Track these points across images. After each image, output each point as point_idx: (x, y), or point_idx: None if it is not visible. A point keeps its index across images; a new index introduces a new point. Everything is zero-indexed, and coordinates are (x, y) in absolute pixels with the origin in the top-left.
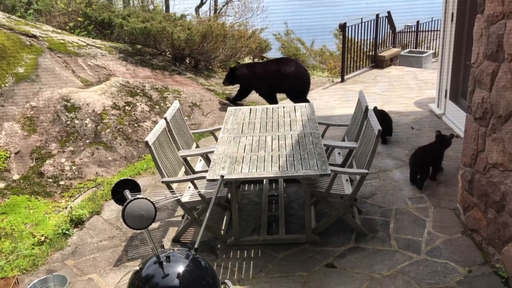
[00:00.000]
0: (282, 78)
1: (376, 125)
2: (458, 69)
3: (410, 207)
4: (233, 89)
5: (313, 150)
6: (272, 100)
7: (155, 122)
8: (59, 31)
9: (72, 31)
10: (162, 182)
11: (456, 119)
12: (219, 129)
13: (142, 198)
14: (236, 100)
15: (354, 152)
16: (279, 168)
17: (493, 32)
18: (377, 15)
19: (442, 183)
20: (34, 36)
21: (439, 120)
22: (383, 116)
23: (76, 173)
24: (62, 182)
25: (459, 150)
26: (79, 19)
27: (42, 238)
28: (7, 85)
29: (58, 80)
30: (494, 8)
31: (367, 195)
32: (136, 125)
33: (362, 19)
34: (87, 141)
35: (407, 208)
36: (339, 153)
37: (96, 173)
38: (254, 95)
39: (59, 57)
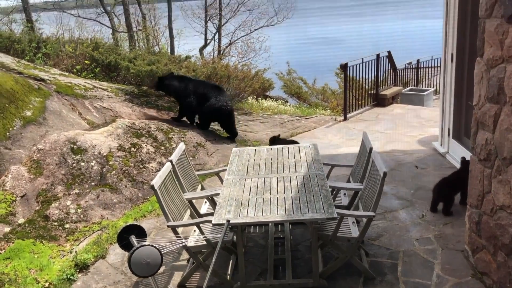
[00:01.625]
0: (205, 102)
1: (381, 167)
2: (460, 108)
3: (418, 249)
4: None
5: (319, 193)
6: (191, 119)
7: (160, 163)
8: (67, 74)
9: (79, 73)
10: (168, 226)
11: (459, 157)
12: (224, 170)
13: (148, 245)
14: (178, 118)
15: (360, 193)
16: (285, 211)
17: (493, 75)
18: (378, 55)
19: (448, 223)
20: (42, 80)
21: (443, 159)
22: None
23: (82, 216)
24: (67, 226)
25: None
26: (86, 62)
27: (46, 284)
28: (15, 128)
29: (65, 122)
30: (493, 52)
31: (374, 236)
32: (141, 166)
33: (363, 59)
34: (93, 183)
35: (414, 249)
36: (344, 194)
37: (101, 215)
38: (258, 134)
39: (66, 99)
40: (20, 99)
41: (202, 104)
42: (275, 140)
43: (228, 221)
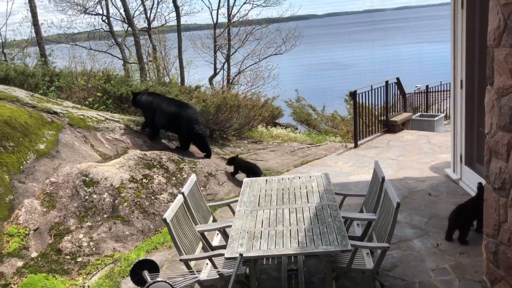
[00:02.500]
0: (176, 120)
1: (394, 198)
2: (472, 134)
3: (434, 280)
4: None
5: (332, 224)
6: (154, 135)
7: (172, 194)
8: (79, 106)
9: (91, 105)
10: (180, 260)
11: (473, 185)
12: (235, 201)
13: (162, 281)
14: (149, 136)
15: (374, 224)
16: (298, 244)
17: (504, 104)
18: (387, 82)
19: (464, 252)
20: (55, 113)
21: (456, 186)
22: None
23: (94, 249)
24: (79, 259)
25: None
26: (98, 94)
27: None
28: (28, 161)
29: (78, 155)
30: (504, 81)
31: (388, 267)
32: (153, 197)
33: (372, 86)
34: (105, 215)
35: (430, 280)
36: (358, 224)
37: (114, 248)
38: (269, 163)
39: (78, 132)
40: (33, 133)
41: (174, 123)
42: (233, 161)
43: (241, 255)
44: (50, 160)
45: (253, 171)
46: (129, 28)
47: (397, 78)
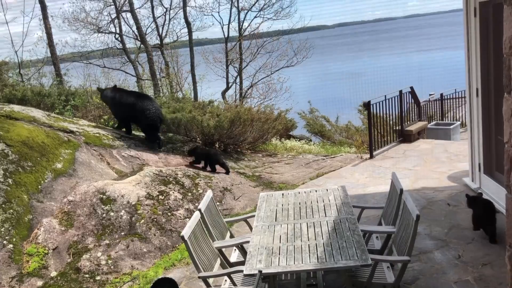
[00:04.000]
0: (136, 111)
1: (413, 210)
2: (489, 142)
3: None
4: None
5: (351, 238)
6: (127, 129)
7: (188, 210)
8: (94, 124)
9: (106, 123)
10: (199, 277)
11: (493, 194)
12: (252, 216)
13: None
14: (119, 127)
15: (393, 236)
16: (317, 259)
17: None
18: (400, 91)
19: (487, 264)
20: (71, 132)
21: None
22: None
23: (112, 267)
24: (98, 277)
25: (501, 227)
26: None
27: None
28: (46, 181)
29: (94, 173)
30: None
31: (409, 280)
32: (169, 214)
33: (385, 96)
34: (122, 233)
35: None
36: (377, 237)
37: (132, 266)
38: (284, 176)
39: (94, 150)
40: (51, 152)
41: (135, 113)
42: (195, 151)
43: (260, 271)
44: (68, 178)
45: (213, 157)
46: (142, 45)
47: (411, 87)
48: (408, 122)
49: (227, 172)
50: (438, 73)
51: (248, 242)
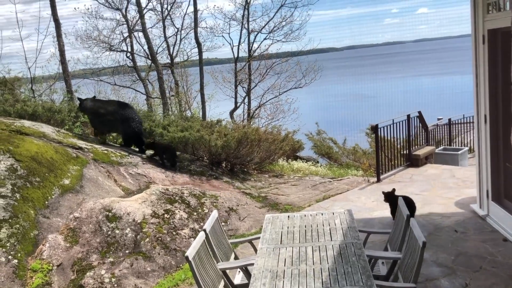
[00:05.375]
0: (115, 120)
1: (420, 236)
2: (498, 169)
3: None
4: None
5: (357, 263)
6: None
7: (193, 229)
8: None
9: (115, 140)
10: None
11: (501, 221)
12: (257, 238)
13: None
14: (96, 135)
15: (399, 262)
16: (322, 284)
17: None
18: (408, 116)
19: None
20: (80, 148)
21: (484, 222)
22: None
23: (116, 285)
24: None
25: (510, 256)
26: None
27: None
28: (53, 197)
29: (101, 189)
30: None
31: None
32: (174, 233)
33: (393, 120)
34: (127, 251)
35: None
36: (383, 262)
37: (135, 285)
38: (290, 197)
39: (102, 167)
40: (59, 168)
41: (114, 123)
42: (153, 145)
43: None
44: (74, 195)
45: (168, 150)
46: (152, 64)
47: (419, 112)
48: (416, 147)
49: (173, 166)
50: (446, 97)
51: (252, 264)
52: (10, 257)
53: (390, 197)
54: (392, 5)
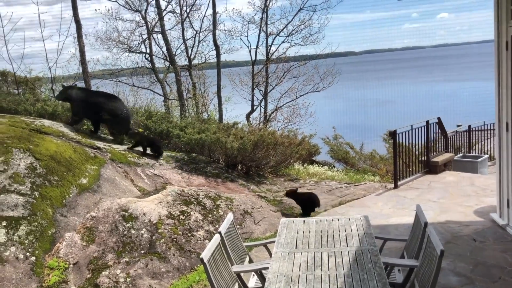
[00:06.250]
0: (103, 110)
1: (438, 245)
2: None
3: None
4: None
5: (373, 270)
6: (94, 127)
7: (208, 231)
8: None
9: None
10: None
11: None
12: (272, 242)
13: None
14: (73, 123)
15: (416, 270)
16: None
17: None
18: (427, 122)
19: None
20: (98, 148)
21: (504, 232)
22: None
23: (130, 285)
24: None
25: None
26: (140, 130)
27: None
28: (71, 196)
29: (118, 189)
30: None
31: None
32: (189, 234)
33: (412, 126)
34: (142, 251)
35: None
36: (399, 270)
37: (150, 285)
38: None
39: (119, 167)
40: (77, 167)
41: (97, 111)
42: (137, 135)
43: None
44: (92, 194)
45: (154, 144)
46: (171, 66)
47: (438, 118)
48: (434, 153)
49: (158, 156)
50: (466, 104)
51: (267, 268)
52: (28, 254)
53: (292, 195)
54: (412, 9)
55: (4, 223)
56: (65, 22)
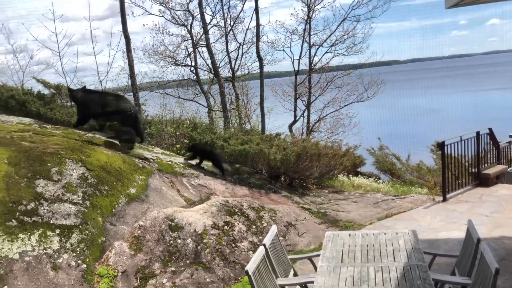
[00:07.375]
0: (111, 111)
1: (492, 263)
2: None
3: None
4: None
5: (422, 287)
6: (100, 126)
7: (252, 243)
8: (168, 152)
9: (178, 151)
10: None
11: None
12: (317, 255)
13: None
14: (77, 124)
15: None
16: None
17: None
18: (478, 133)
19: None
20: (146, 159)
21: None
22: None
23: None
24: None
25: None
26: (185, 141)
27: None
28: (120, 205)
29: (164, 199)
30: None
31: None
32: (233, 245)
33: (461, 137)
34: (188, 261)
35: None
36: (450, 287)
37: None
38: (351, 214)
39: (166, 177)
40: (126, 177)
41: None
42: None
43: None
44: (140, 204)
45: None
46: (215, 78)
47: (490, 129)
48: (486, 165)
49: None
50: None
51: (312, 282)
52: (79, 261)
53: (194, 149)
54: (461, 17)
55: (57, 231)
56: (115, 37)
